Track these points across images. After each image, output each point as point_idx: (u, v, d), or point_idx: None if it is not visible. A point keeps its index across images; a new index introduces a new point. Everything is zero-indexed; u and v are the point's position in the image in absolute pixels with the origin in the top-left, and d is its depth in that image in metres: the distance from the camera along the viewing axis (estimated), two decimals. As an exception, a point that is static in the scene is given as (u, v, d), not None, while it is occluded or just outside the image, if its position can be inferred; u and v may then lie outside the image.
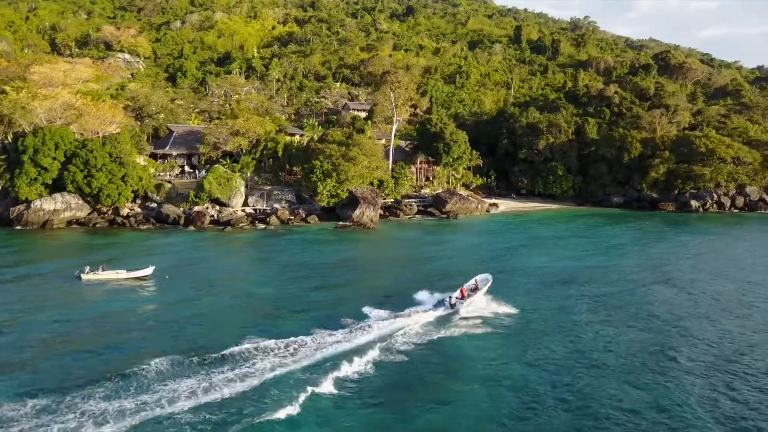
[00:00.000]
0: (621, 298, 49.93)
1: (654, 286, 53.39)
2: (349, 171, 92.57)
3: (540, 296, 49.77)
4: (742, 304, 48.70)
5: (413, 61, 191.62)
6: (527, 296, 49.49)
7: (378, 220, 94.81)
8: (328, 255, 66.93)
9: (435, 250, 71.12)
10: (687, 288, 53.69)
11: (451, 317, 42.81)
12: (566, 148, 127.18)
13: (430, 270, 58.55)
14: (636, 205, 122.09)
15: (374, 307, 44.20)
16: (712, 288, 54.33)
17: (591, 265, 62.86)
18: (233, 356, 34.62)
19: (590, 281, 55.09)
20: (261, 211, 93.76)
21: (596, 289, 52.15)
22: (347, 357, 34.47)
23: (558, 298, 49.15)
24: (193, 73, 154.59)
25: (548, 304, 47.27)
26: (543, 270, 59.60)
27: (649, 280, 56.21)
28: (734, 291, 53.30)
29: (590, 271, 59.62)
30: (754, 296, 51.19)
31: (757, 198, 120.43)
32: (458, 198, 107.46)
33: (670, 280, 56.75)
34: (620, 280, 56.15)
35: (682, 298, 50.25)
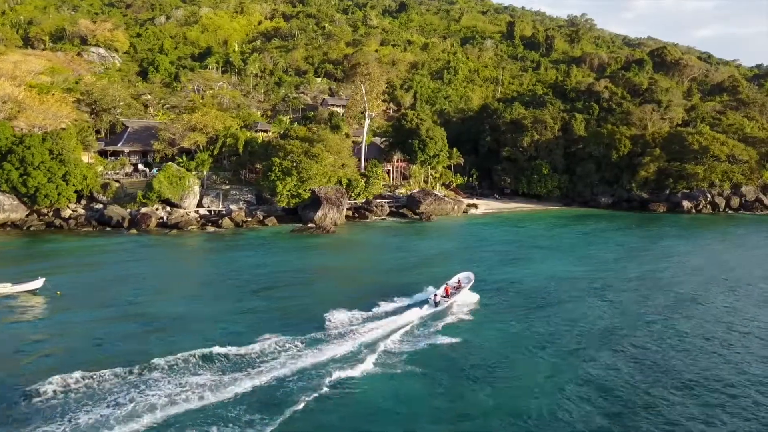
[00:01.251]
0: (592, 323, 41.82)
1: (641, 319, 44.81)
2: (311, 169, 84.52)
3: (493, 323, 41.60)
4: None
5: (399, 57, 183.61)
6: (481, 323, 41.43)
7: (344, 222, 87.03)
8: (268, 263, 58.89)
9: (393, 258, 63.21)
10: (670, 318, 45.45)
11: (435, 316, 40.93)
12: (552, 145, 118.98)
13: (380, 283, 50.25)
14: (625, 205, 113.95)
15: (283, 333, 36.20)
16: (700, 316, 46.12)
17: (563, 277, 54.73)
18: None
19: (560, 301, 46.76)
20: (216, 213, 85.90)
21: (565, 314, 43.89)
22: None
23: (514, 325, 41.05)
24: (166, 67, 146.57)
25: (496, 334, 39.06)
26: (509, 284, 51.38)
27: (630, 307, 47.79)
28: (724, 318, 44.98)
29: (561, 287, 51.35)
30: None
31: (754, 198, 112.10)
32: (433, 198, 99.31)
33: (654, 305, 48.45)
34: (593, 301, 47.95)
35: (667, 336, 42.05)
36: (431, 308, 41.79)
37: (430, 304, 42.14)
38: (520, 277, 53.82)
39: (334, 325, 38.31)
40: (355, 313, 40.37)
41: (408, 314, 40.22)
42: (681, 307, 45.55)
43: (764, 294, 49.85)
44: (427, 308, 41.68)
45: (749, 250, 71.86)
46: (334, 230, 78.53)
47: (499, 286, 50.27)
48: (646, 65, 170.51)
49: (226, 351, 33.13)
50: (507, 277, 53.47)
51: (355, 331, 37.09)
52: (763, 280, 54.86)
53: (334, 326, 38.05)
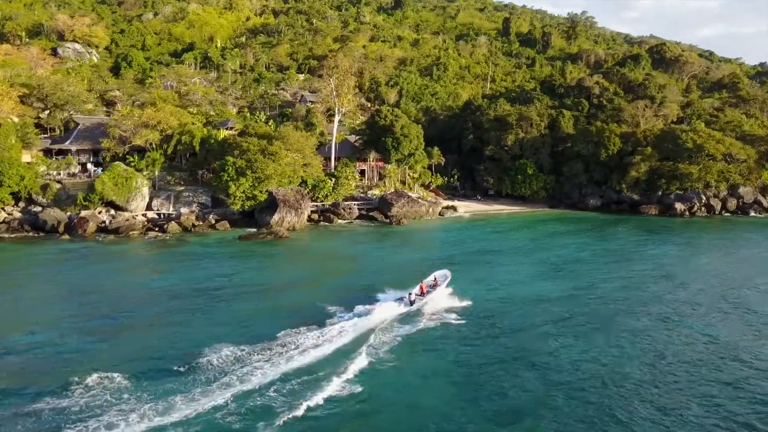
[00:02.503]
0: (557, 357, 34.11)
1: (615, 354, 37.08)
2: (267, 168, 76.93)
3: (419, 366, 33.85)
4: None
5: (388, 53, 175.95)
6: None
7: (304, 227, 79.51)
8: (189, 278, 51.23)
9: (340, 272, 55.74)
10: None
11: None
12: (538, 143, 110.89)
13: (306, 308, 42.30)
14: (615, 207, 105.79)
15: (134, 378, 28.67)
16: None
17: (525, 299, 46.92)
18: None
19: (519, 337, 38.72)
20: (166, 216, 78.48)
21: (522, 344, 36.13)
22: None
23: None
24: (140, 63, 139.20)
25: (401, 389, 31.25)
26: (471, 306, 43.48)
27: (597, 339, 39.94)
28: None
29: (521, 314, 43.35)
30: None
31: (752, 200, 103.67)
32: (406, 200, 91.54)
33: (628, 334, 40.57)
34: (565, 327, 40.10)
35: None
36: (406, 307, 40.30)
37: (405, 303, 40.67)
38: (479, 297, 45.93)
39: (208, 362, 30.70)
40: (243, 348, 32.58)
41: (382, 313, 38.51)
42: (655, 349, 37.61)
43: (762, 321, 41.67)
44: (403, 307, 40.21)
45: (744, 262, 63.50)
46: (287, 236, 70.92)
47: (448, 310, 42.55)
48: (642, 61, 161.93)
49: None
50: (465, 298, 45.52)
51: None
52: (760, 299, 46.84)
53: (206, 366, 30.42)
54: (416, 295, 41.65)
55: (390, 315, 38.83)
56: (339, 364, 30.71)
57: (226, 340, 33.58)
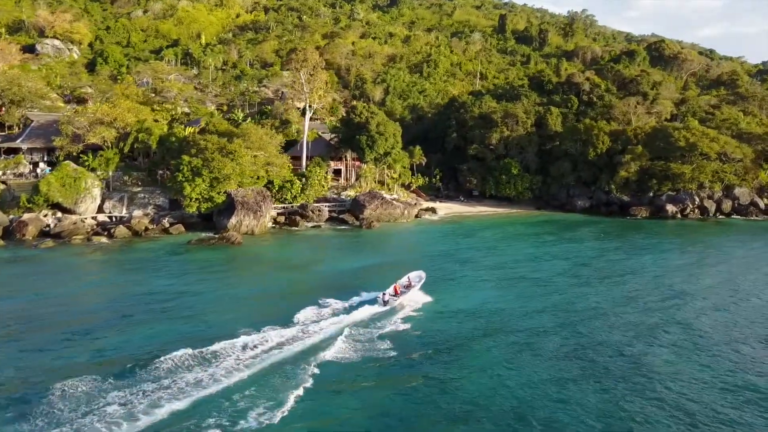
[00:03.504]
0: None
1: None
2: (225, 168, 71.09)
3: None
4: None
5: (377, 49, 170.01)
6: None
7: (265, 230, 73.79)
8: (110, 292, 45.59)
9: (279, 285, 49.73)
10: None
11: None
12: (524, 142, 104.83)
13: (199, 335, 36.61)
14: (604, 209, 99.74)
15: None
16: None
17: (476, 313, 41.12)
18: None
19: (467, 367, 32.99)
20: (118, 219, 72.78)
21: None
22: None
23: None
24: (117, 59, 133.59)
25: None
26: (406, 333, 37.69)
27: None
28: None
29: (462, 327, 37.65)
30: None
31: (748, 201, 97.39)
32: (380, 202, 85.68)
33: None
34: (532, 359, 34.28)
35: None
36: (381, 307, 40.18)
37: (378, 303, 40.56)
38: (429, 315, 40.03)
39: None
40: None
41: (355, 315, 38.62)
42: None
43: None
44: (377, 308, 40.10)
45: (736, 275, 57.24)
46: (240, 241, 65.06)
47: (395, 333, 36.77)
48: (637, 57, 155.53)
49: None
50: (415, 317, 39.82)
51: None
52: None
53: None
54: (390, 296, 41.29)
55: (363, 316, 38.68)
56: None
57: (99, 375, 27.83)
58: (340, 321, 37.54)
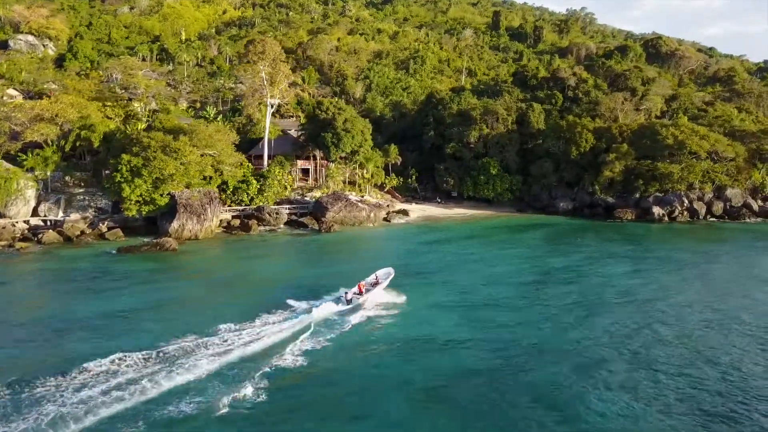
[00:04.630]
0: None
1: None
2: (167, 167, 64.77)
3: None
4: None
5: (363, 45, 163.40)
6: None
7: (211, 235, 67.80)
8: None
9: (192, 300, 43.48)
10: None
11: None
12: (504, 140, 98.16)
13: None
14: (588, 211, 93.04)
15: None
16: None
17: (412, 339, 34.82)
18: None
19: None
20: (52, 223, 66.66)
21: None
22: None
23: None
24: (87, 54, 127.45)
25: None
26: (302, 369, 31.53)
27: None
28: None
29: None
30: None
31: (740, 203, 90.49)
32: (344, 204, 79.31)
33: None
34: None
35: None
36: (343, 306, 38.76)
37: (341, 302, 39.22)
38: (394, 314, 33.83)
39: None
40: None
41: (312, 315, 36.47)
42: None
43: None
44: (341, 306, 38.72)
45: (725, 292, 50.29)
46: (175, 248, 58.79)
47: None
48: (630, 52, 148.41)
49: None
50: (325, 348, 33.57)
51: None
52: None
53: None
54: (354, 294, 39.95)
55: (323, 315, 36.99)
56: None
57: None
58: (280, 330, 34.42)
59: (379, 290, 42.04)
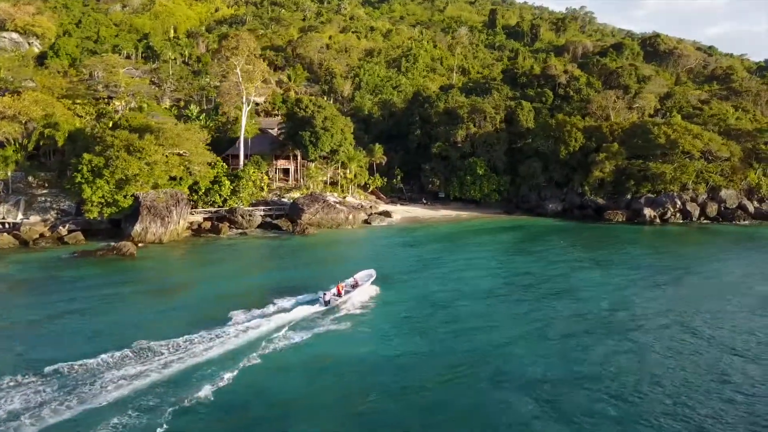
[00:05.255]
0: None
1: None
2: (130, 167, 61.32)
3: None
4: None
5: (354, 43, 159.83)
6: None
7: (179, 238, 64.25)
8: None
9: (139, 315, 40.00)
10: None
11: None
12: (492, 139, 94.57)
13: None
14: (577, 213, 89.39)
15: None
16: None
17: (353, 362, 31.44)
18: None
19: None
20: (11, 226, 63.23)
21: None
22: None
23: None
24: (70, 52, 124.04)
25: None
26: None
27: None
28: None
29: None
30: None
31: (735, 205, 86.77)
32: (321, 206, 75.81)
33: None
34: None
35: None
36: (321, 307, 37.82)
37: (319, 303, 38.22)
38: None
39: None
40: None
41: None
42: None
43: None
44: (318, 307, 37.73)
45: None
46: (134, 253, 55.25)
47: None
48: (625, 50, 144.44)
49: None
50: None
51: None
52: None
53: None
54: (333, 296, 39.07)
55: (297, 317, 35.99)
56: None
57: None
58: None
59: (359, 292, 41.18)
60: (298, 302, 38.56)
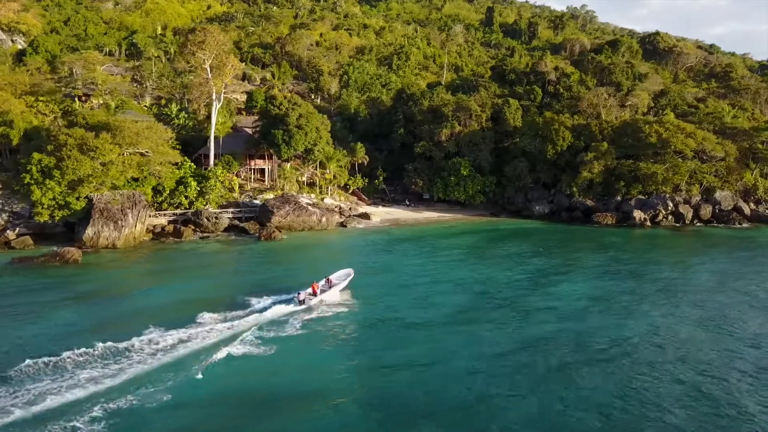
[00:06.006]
0: None
1: None
2: (82, 168, 57.36)
3: None
4: None
5: (345, 41, 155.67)
6: None
7: (136, 243, 60.24)
8: None
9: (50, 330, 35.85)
10: None
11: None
12: (477, 139, 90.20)
13: None
14: (565, 215, 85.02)
15: None
16: None
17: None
18: None
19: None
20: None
21: None
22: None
23: None
24: (49, 49, 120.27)
25: None
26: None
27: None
28: None
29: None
30: None
31: (731, 207, 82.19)
32: (292, 208, 71.65)
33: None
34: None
35: None
36: (295, 306, 37.31)
37: (294, 303, 37.74)
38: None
39: None
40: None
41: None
42: None
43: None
44: (293, 306, 37.29)
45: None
46: (78, 259, 51.26)
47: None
48: (620, 47, 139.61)
49: None
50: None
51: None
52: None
53: None
54: (308, 295, 38.64)
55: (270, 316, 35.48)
56: None
57: None
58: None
59: (335, 291, 40.70)
60: (269, 305, 37.54)
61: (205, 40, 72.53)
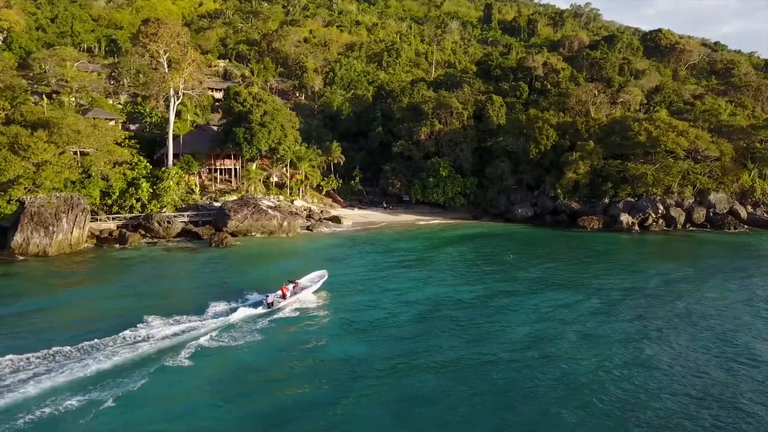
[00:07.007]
0: None
1: None
2: (10, 168, 52.22)
3: None
4: None
5: (335, 37, 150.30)
6: None
7: (74, 249, 55.11)
8: None
9: None
10: None
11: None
12: (459, 137, 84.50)
13: None
14: (550, 219, 79.18)
15: None
16: None
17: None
18: None
19: None
20: None
21: None
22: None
23: None
24: (23, 45, 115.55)
25: None
26: None
27: None
28: None
29: None
30: None
31: (726, 210, 76.00)
32: (251, 211, 66.25)
33: None
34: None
35: None
36: (264, 309, 36.21)
37: (263, 306, 36.66)
38: None
39: None
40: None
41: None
42: None
43: None
44: (262, 309, 36.25)
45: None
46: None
47: None
48: (617, 42, 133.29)
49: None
50: None
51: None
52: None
53: None
54: (276, 298, 37.49)
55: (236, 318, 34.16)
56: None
57: None
58: None
59: (307, 293, 39.67)
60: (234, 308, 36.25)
61: (158, 32, 67.16)
